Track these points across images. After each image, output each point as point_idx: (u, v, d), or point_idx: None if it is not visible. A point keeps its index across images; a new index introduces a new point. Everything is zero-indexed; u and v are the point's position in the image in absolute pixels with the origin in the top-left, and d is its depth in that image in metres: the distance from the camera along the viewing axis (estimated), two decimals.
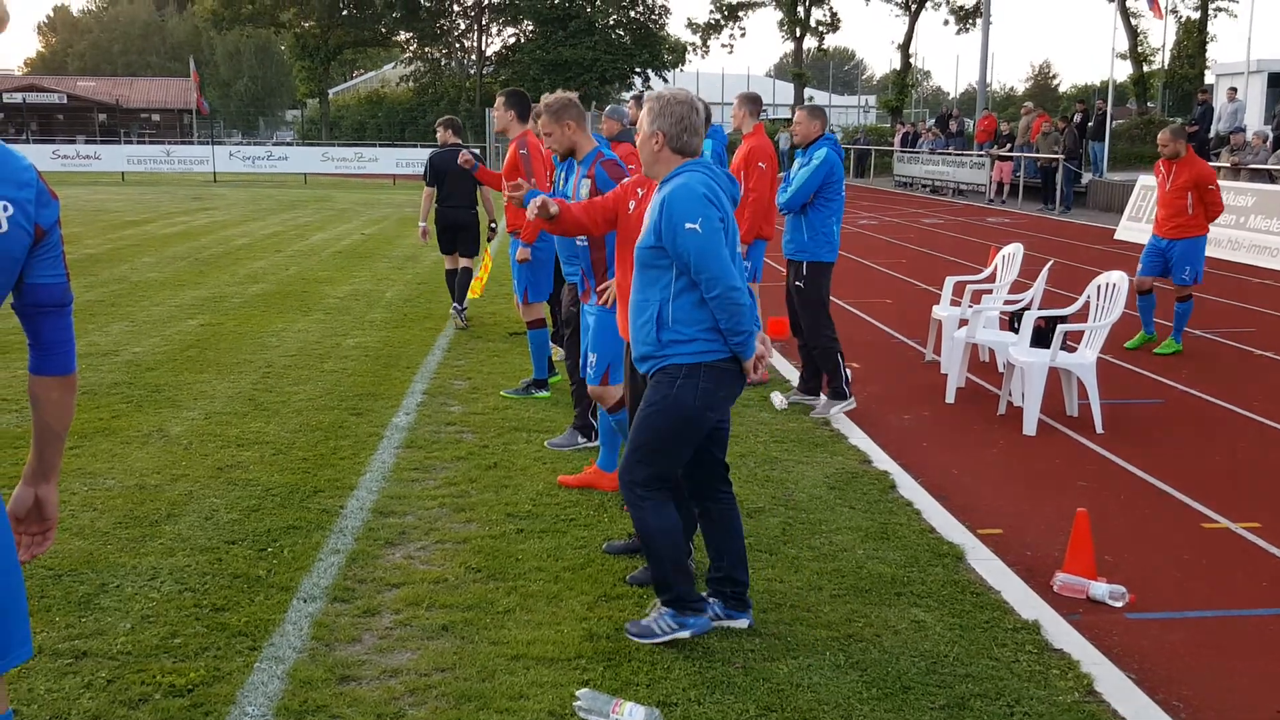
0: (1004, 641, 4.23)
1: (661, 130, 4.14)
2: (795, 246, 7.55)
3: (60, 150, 40.01)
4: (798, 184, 7.37)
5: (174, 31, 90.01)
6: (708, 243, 3.93)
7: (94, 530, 5.17)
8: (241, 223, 21.80)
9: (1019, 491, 6.12)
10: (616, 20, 52.98)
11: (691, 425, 4.09)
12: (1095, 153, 27.62)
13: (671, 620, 4.15)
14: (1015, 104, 54.77)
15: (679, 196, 3.99)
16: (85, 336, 9.83)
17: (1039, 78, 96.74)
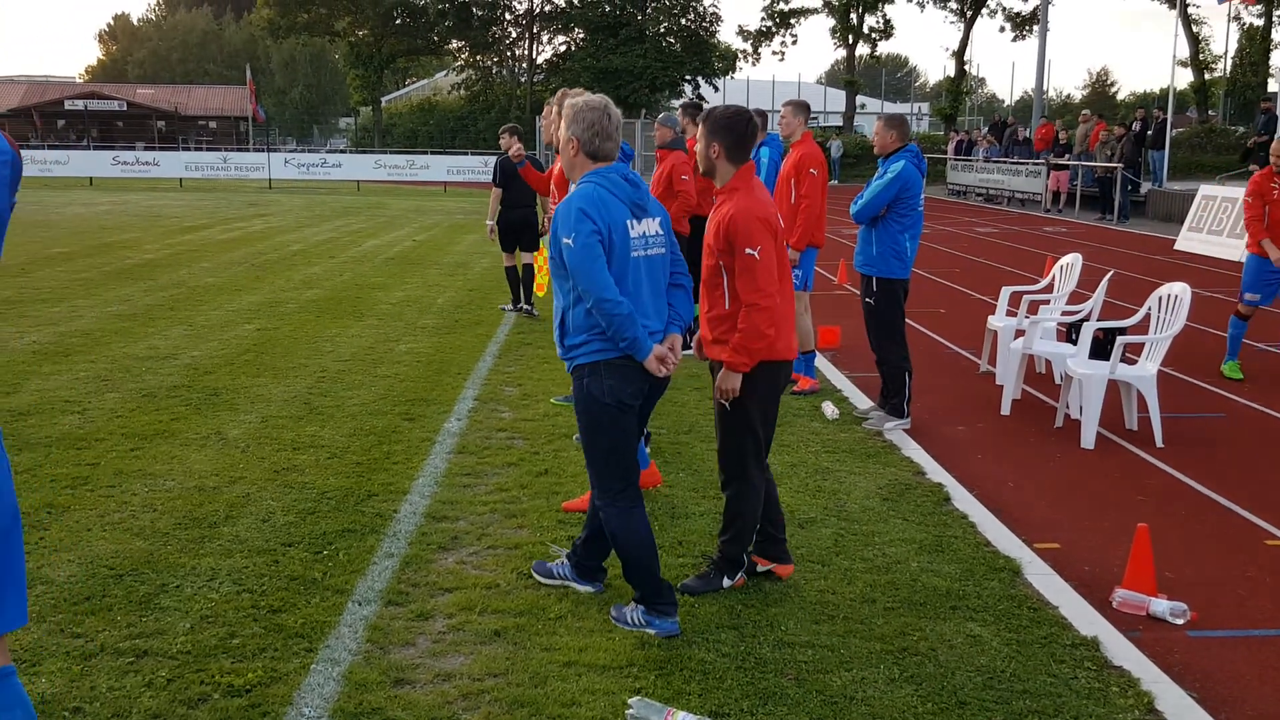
0: (1062, 658, 4.17)
1: (575, 136, 4.24)
2: (864, 260, 7.36)
3: (120, 157, 40.70)
4: (869, 197, 7.19)
5: (231, 40, 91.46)
6: (579, 257, 4.06)
7: (154, 531, 5.25)
8: (296, 229, 22.07)
9: (1077, 506, 6.03)
10: (667, 28, 53.07)
11: (610, 418, 4.26)
12: (1155, 162, 27.23)
13: (641, 616, 4.36)
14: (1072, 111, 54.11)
15: (560, 212, 4.15)
16: (146, 340, 10.00)
17: (1096, 85, 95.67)
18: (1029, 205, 29.53)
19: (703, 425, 7.36)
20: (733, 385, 4.51)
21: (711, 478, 6.23)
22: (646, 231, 4.28)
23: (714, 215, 4.58)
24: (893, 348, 7.36)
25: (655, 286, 4.33)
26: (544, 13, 54.84)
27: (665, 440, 7.00)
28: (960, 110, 51.78)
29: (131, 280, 13.99)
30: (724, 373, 4.50)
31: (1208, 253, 18.34)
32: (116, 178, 38.74)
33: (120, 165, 39.55)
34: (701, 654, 4.13)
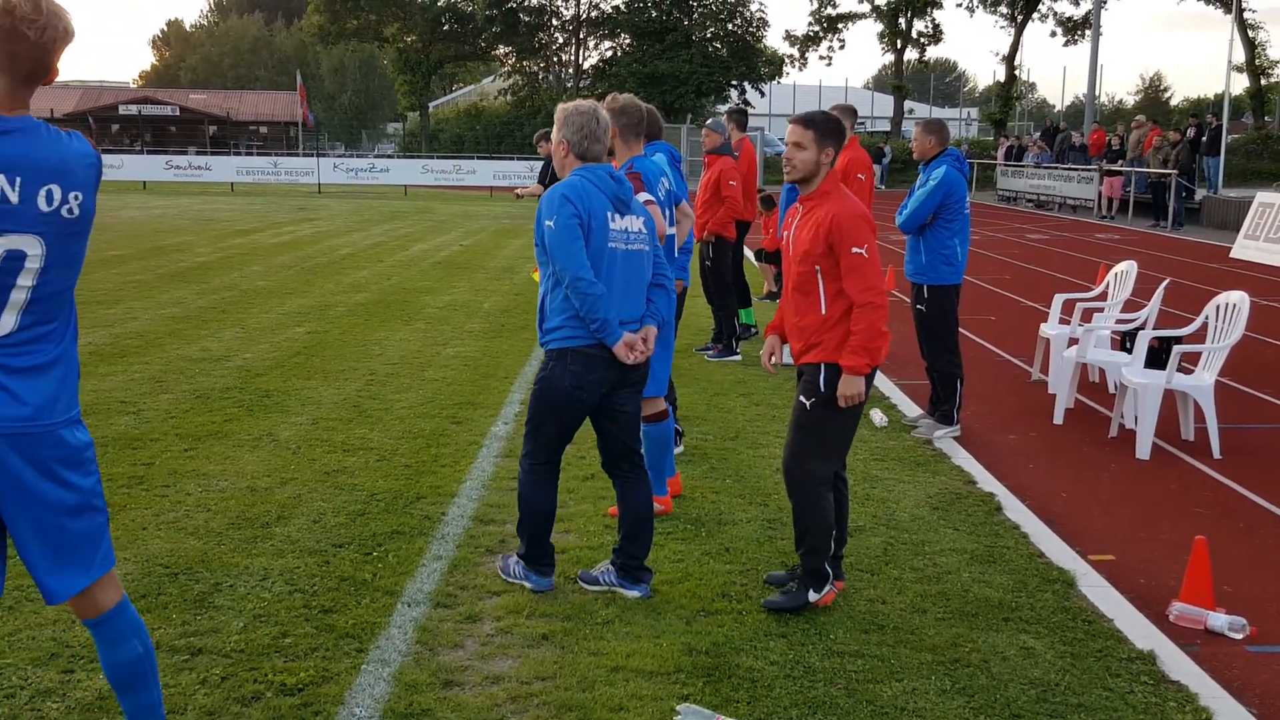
0: (1118, 671, 4.11)
1: (566, 139, 4.50)
2: (914, 268, 7.27)
3: (173, 161, 41.28)
4: (914, 205, 7.11)
5: (281, 46, 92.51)
6: (559, 237, 4.33)
7: (208, 530, 5.31)
8: (345, 233, 22.27)
9: (1132, 517, 5.94)
10: (714, 33, 52.99)
11: (564, 404, 4.52)
12: (1209, 168, 26.82)
13: (521, 570, 4.76)
14: (1124, 117, 53.46)
15: (545, 198, 4.41)
16: (199, 342, 10.12)
17: (1149, 90, 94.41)
18: (1080, 211, 29.18)
19: (749, 431, 7.34)
20: (857, 390, 4.40)
21: (758, 484, 6.20)
22: (629, 228, 4.52)
23: (805, 220, 4.54)
24: (945, 355, 7.29)
25: (632, 281, 4.55)
26: (590, 19, 54.98)
27: (711, 446, 6.98)
28: (1010, 116, 51.27)
29: (184, 283, 14.18)
30: (846, 378, 4.38)
31: (1265, 261, 18.02)
32: (169, 182, 39.29)
33: (173, 169, 40.09)
34: (750, 662, 4.10)
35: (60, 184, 2.71)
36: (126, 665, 3.06)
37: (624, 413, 4.68)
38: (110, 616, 3.03)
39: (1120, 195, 27.58)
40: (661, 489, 5.73)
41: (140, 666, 3.09)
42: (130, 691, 3.10)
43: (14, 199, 2.65)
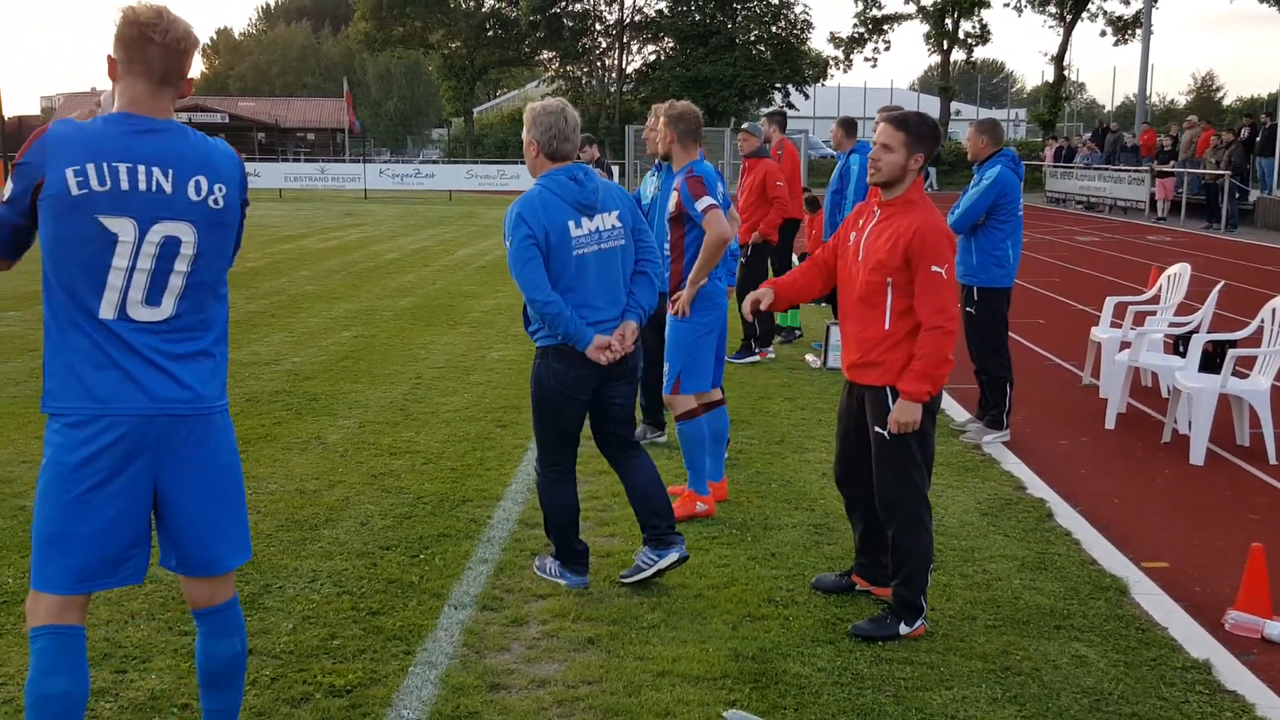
0: (1173, 681, 4.04)
1: (535, 139, 4.54)
2: (963, 269, 7.13)
3: None
4: (965, 205, 7.04)
5: (329, 53, 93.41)
6: (514, 259, 4.44)
7: (258, 532, 5.35)
8: (391, 238, 22.45)
9: (1186, 524, 5.84)
10: (758, 35, 52.85)
11: (552, 401, 4.63)
12: (1264, 169, 26.37)
13: (555, 568, 4.85)
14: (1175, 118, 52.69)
15: (508, 215, 4.48)
16: (248, 346, 10.24)
17: (1201, 90, 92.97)
18: (1131, 213, 28.80)
19: (794, 436, 7.30)
20: (914, 418, 4.21)
21: (804, 489, 6.17)
22: (600, 226, 4.55)
23: (882, 227, 4.30)
24: (994, 358, 7.20)
25: (609, 278, 4.60)
26: (634, 23, 55.06)
27: (757, 450, 6.95)
28: (1059, 116, 50.71)
29: (234, 287, 14.29)
30: (903, 404, 4.19)
31: None
32: None
33: None
34: (797, 668, 4.08)
35: (206, 175, 2.94)
36: (224, 661, 3.17)
37: (615, 404, 4.77)
38: (223, 609, 3.17)
39: (1172, 197, 27.18)
40: (701, 488, 5.72)
41: (235, 665, 3.20)
42: (218, 689, 3.19)
43: (168, 189, 2.88)
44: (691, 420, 5.75)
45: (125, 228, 2.85)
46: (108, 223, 2.83)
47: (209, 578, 3.12)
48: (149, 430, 2.90)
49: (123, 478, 2.91)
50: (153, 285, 2.90)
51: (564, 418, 4.68)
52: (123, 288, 2.87)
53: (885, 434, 4.30)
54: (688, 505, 5.70)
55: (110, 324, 2.88)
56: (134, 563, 3.01)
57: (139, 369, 2.89)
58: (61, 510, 2.90)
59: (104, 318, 2.87)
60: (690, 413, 5.76)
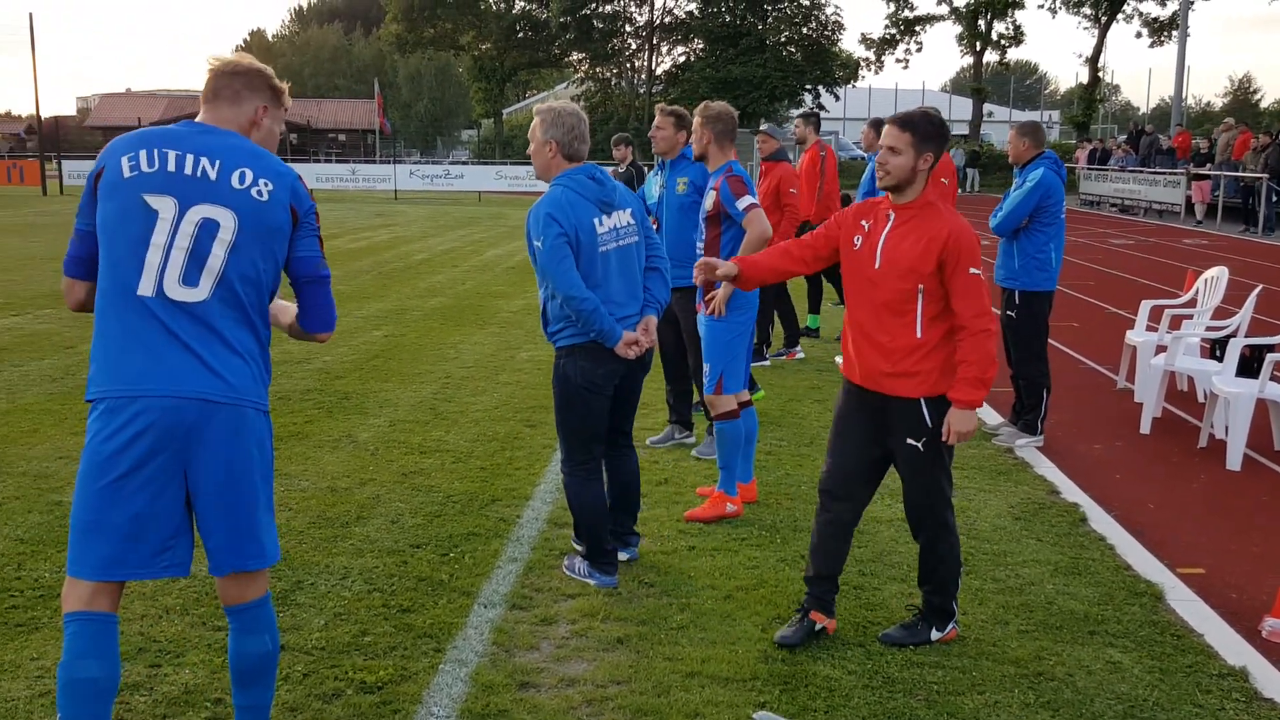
0: (1209, 688, 3.99)
1: (556, 139, 4.60)
2: (1005, 273, 7.11)
3: None
4: (1009, 208, 6.96)
5: (360, 55, 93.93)
6: (548, 258, 4.47)
7: (290, 529, 5.38)
8: (421, 238, 22.54)
9: (1223, 529, 5.77)
10: (788, 37, 52.70)
11: (580, 398, 4.69)
12: None
13: (585, 568, 4.86)
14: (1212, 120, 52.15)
15: (533, 215, 4.53)
16: (280, 345, 10.28)
17: (1238, 92, 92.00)
18: (1167, 216, 28.53)
19: (824, 438, 7.18)
20: (972, 426, 4.10)
21: None
22: (617, 224, 4.66)
23: (902, 231, 4.11)
24: (1034, 363, 7.13)
25: (629, 274, 4.72)
26: (664, 24, 55.04)
27: (786, 452, 6.93)
28: (1093, 119, 50.30)
29: None
30: (958, 413, 4.06)
31: None
32: None
33: None
34: (827, 670, 4.05)
35: (253, 169, 3.07)
36: (255, 658, 3.19)
37: (634, 396, 4.96)
38: (253, 606, 3.18)
39: (1209, 200, 26.90)
40: (731, 489, 5.71)
41: (266, 663, 3.21)
42: (248, 685, 3.21)
43: (213, 175, 3.02)
44: (732, 421, 5.73)
45: (166, 205, 2.97)
46: (151, 200, 2.96)
47: (237, 575, 3.13)
48: (180, 417, 2.93)
49: (153, 465, 2.94)
50: (190, 264, 2.97)
51: (591, 415, 4.74)
52: (160, 264, 2.95)
53: (920, 446, 4.17)
54: (717, 506, 5.69)
55: (149, 301, 2.95)
56: (173, 553, 3.02)
57: (172, 351, 2.95)
58: (95, 497, 2.94)
59: (143, 294, 2.95)
60: (730, 413, 5.73)
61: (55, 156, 40.74)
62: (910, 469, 4.26)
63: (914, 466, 4.24)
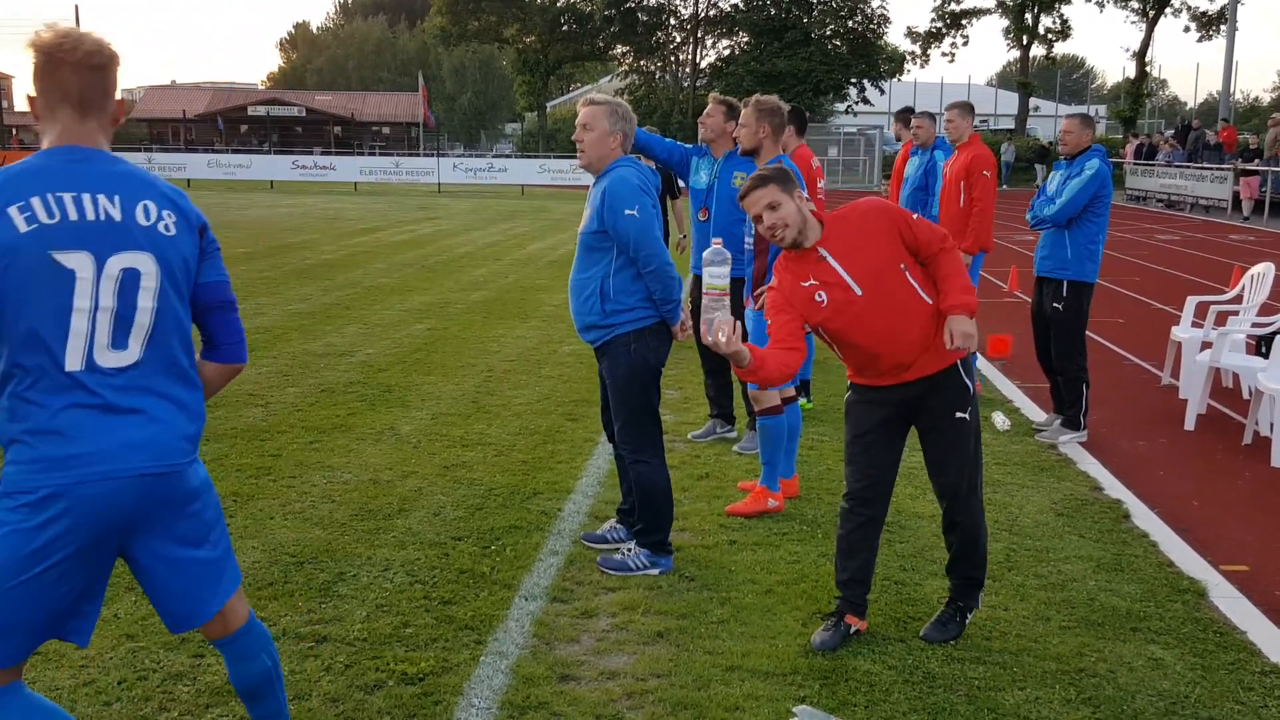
0: (1251, 685, 3.96)
1: (624, 132, 4.76)
2: (1054, 263, 7.03)
3: (299, 161, 42.53)
4: (1070, 195, 6.89)
5: (404, 47, 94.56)
6: (643, 226, 4.59)
7: (333, 521, 5.46)
8: (464, 232, 22.67)
9: (1268, 527, 5.71)
10: (833, 30, 52.41)
11: (654, 379, 4.82)
12: None
13: (646, 559, 4.88)
14: (1260, 115, 51.26)
15: (619, 188, 4.62)
16: (324, 338, 10.42)
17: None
18: (1213, 212, 28.12)
19: None
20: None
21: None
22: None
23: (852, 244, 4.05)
24: (1074, 357, 7.07)
25: None
26: (709, 17, 54.93)
27: (829, 447, 6.92)
28: (1140, 113, 49.64)
29: (310, 279, 14.60)
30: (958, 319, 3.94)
31: None
32: (295, 181, 40.52)
33: (299, 169, 41.32)
34: (868, 665, 4.06)
35: (152, 199, 2.70)
36: (255, 678, 3.05)
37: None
38: (240, 635, 3.00)
39: (1257, 195, 26.49)
40: (773, 484, 5.72)
41: (267, 678, 3.07)
42: (258, 700, 3.09)
43: (117, 216, 2.64)
44: (775, 416, 5.74)
45: (82, 263, 2.59)
46: (62, 259, 2.57)
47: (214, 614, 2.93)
48: (113, 501, 2.63)
49: (81, 555, 2.64)
50: (118, 325, 2.63)
51: (657, 394, 4.88)
52: (88, 332, 2.60)
53: (968, 417, 4.15)
54: (759, 501, 5.70)
55: (78, 376, 2.60)
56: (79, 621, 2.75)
57: (104, 425, 2.62)
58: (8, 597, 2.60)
59: (71, 369, 2.60)
60: (774, 408, 5.74)
61: None
62: (956, 441, 4.17)
63: (961, 437, 4.16)
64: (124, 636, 4.18)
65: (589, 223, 4.74)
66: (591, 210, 4.74)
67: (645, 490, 4.89)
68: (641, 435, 4.86)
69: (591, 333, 4.82)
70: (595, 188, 4.76)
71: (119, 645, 4.11)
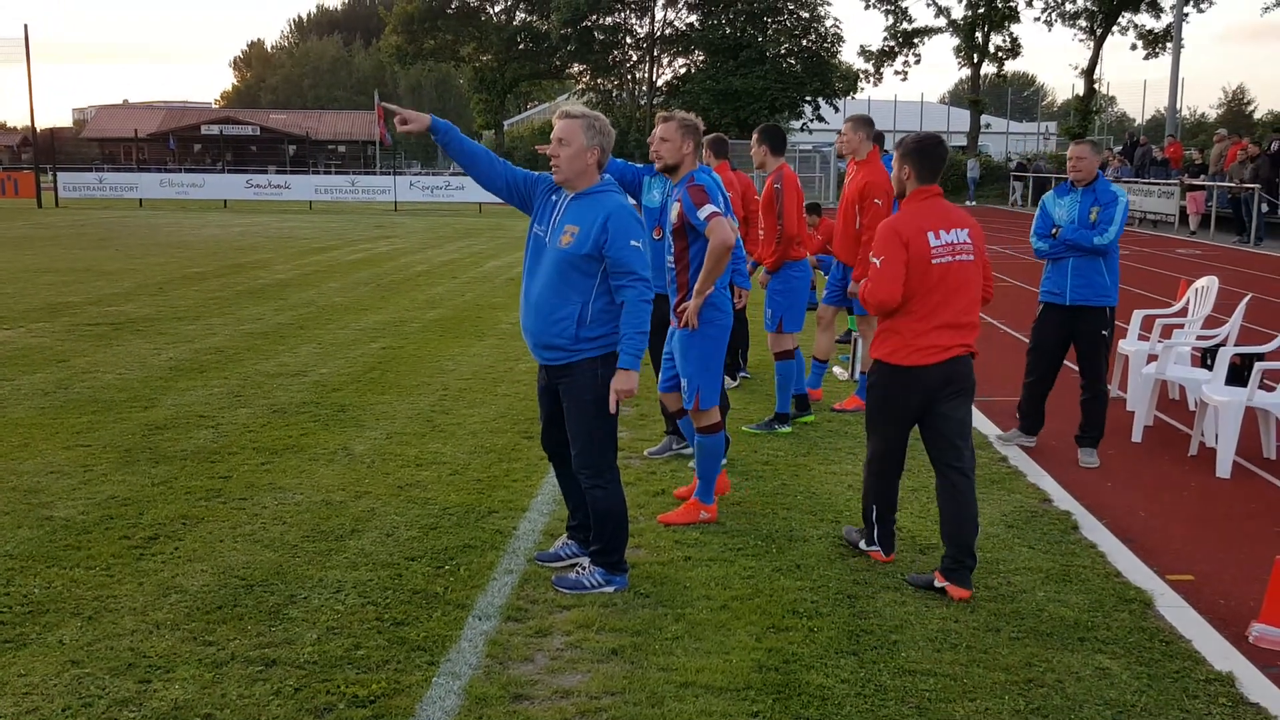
0: (1196, 693, 4.02)
1: (601, 146, 4.63)
2: (1094, 291, 6.94)
3: (253, 180, 42.17)
4: (1118, 225, 6.83)
5: (360, 66, 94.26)
6: (645, 260, 4.60)
7: (283, 543, 5.41)
8: (420, 250, 22.59)
9: (1212, 537, 5.80)
10: (788, 49, 52.83)
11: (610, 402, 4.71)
12: None
13: (601, 577, 4.86)
14: (1206, 131, 52.21)
15: (625, 219, 4.57)
16: (277, 357, 10.33)
17: (1231, 103, 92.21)
18: (1161, 226, 28.60)
19: (820, 448, 7.31)
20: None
21: (829, 501, 6.17)
22: None
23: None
24: (1104, 377, 7.09)
25: None
26: (665, 36, 55.16)
27: (783, 461, 6.96)
28: (1089, 129, 50.37)
29: (263, 299, 14.48)
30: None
31: None
32: (250, 200, 40.19)
33: (253, 188, 40.97)
34: (820, 679, 4.08)
35: None
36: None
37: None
38: None
39: (1203, 210, 26.97)
40: (708, 498, 5.86)
41: None
42: None
43: None
44: (714, 434, 5.79)
45: None
46: None
47: None
48: None
49: None
50: None
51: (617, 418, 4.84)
52: None
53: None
54: (691, 513, 5.80)
55: None
56: None
57: None
58: None
59: None
60: (714, 425, 5.79)
61: (51, 168, 40.78)
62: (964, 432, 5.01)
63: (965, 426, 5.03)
64: (69, 663, 4.12)
65: (577, 244, 4.55)
66: (581, 231, 4.55)
67: (602, 514, 4.84)
68: (601, 459, 4.79)
69: (555, 353, 4.71)
70: (577, 204, 4.63)
71: (63, 672, 4.05)
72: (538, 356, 4.84)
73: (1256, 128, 55.53)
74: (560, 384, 4.77)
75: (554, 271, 4.61)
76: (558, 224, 4.64)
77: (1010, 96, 68.54)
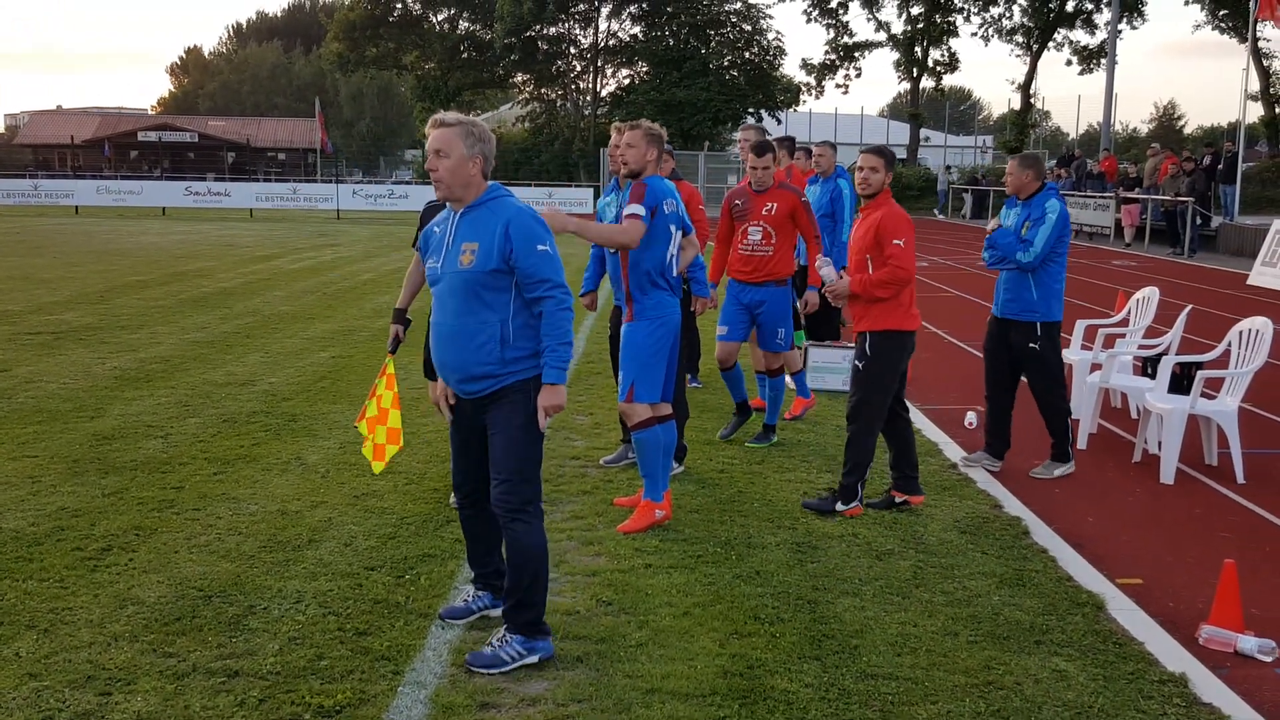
0: (1150, 694, 4.12)
1: (484, 154, 4.27)
2: (1021, 306, 6.99)
3: (192, 187, 41.67)
4: (1044, 242, 6.83)
5: (300, 73, 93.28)
6: (559, 263, 4.21)
7: (240, 553, 5.36)
8: (365, 258, 22.41)
9: (1158, 541, 5.94)
10: (731, 61, 53.24)
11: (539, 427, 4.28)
12: (1226, 196, 26.82)
13: (520, 646, 4.25)
14: (1139, 145, 53.38)
15: (527, 222, 4.19)
16: (224, 367, 10.21)
17: (1163, 118, 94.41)
18: (1097, 239, 29.18)
19: (775, 456, 7.37)
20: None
21: (786, 508, 6.24)
22: None
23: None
24: (1058, 391, 7.09)
25: None
26: (608, 47, 55.31)
27: (739, 470, 7.01)
28: (1025, 143, 51.30)
29: (208, 308, 14.29)
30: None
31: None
32: (188, 207, 39.63)
33: (192, 195, 40.46)
34: (784, 684, 4.12)
35: None
36: None
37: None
38: None
39: (1138, 223, 27.56)
40: (657, 495, 5.90)
41: None
42: None
43: None
44: (647, 429, 5.85)
45: None
46: None
47: None
48: None
49: None
50: None
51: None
52: None
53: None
54: (647, 514, 5.84)
55: None
56: None
57: None
58: None
59: None
60: (644, 422, 5.86)
61: None
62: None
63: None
64: (27, 675, 4.05)
65: (480, 260, 4.14)
66: (482, 246, 4.15)
67: (521, 553, 4.23)
68: (528, 489, 4.24)
69: (483, 383, 4.21)
70: (469, 218, 4.24)
71: (21, 685, 3.98)
72: (462, 391, 4.30)
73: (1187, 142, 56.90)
74: (488, 414, 4.27)
75: (462, 296, 4.18)
76: (453, 246, 4.24)
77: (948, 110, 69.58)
